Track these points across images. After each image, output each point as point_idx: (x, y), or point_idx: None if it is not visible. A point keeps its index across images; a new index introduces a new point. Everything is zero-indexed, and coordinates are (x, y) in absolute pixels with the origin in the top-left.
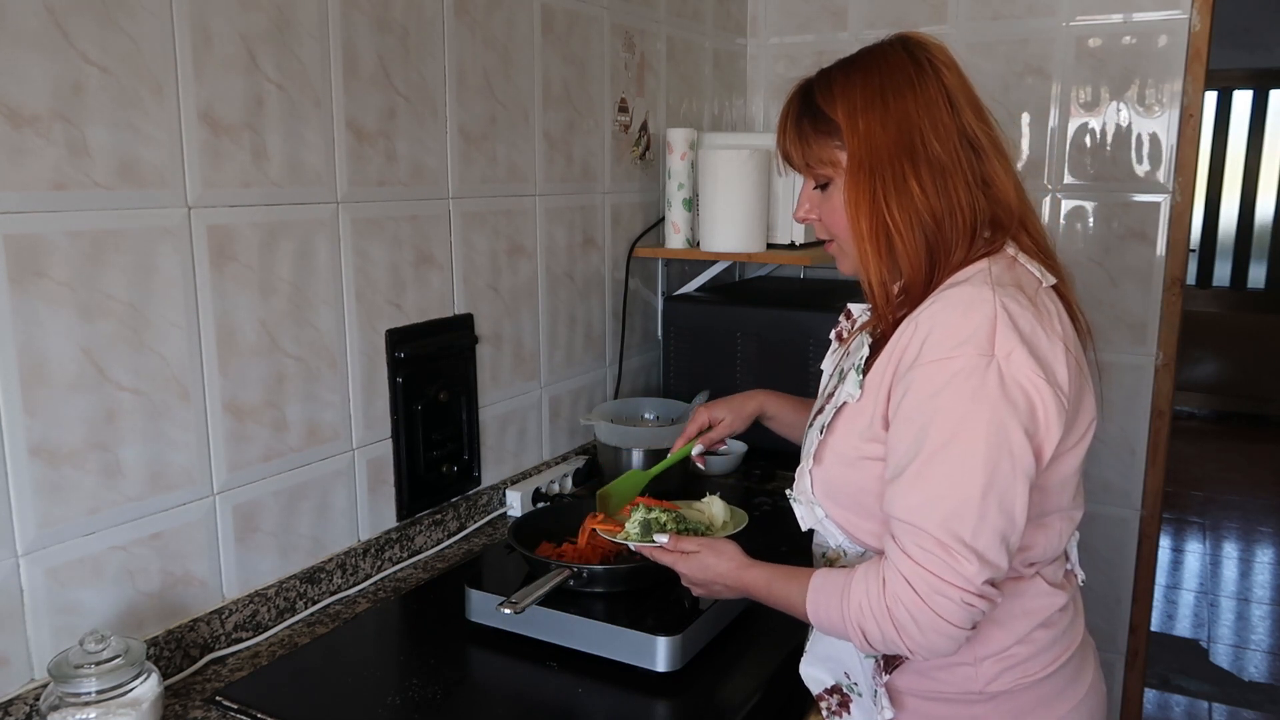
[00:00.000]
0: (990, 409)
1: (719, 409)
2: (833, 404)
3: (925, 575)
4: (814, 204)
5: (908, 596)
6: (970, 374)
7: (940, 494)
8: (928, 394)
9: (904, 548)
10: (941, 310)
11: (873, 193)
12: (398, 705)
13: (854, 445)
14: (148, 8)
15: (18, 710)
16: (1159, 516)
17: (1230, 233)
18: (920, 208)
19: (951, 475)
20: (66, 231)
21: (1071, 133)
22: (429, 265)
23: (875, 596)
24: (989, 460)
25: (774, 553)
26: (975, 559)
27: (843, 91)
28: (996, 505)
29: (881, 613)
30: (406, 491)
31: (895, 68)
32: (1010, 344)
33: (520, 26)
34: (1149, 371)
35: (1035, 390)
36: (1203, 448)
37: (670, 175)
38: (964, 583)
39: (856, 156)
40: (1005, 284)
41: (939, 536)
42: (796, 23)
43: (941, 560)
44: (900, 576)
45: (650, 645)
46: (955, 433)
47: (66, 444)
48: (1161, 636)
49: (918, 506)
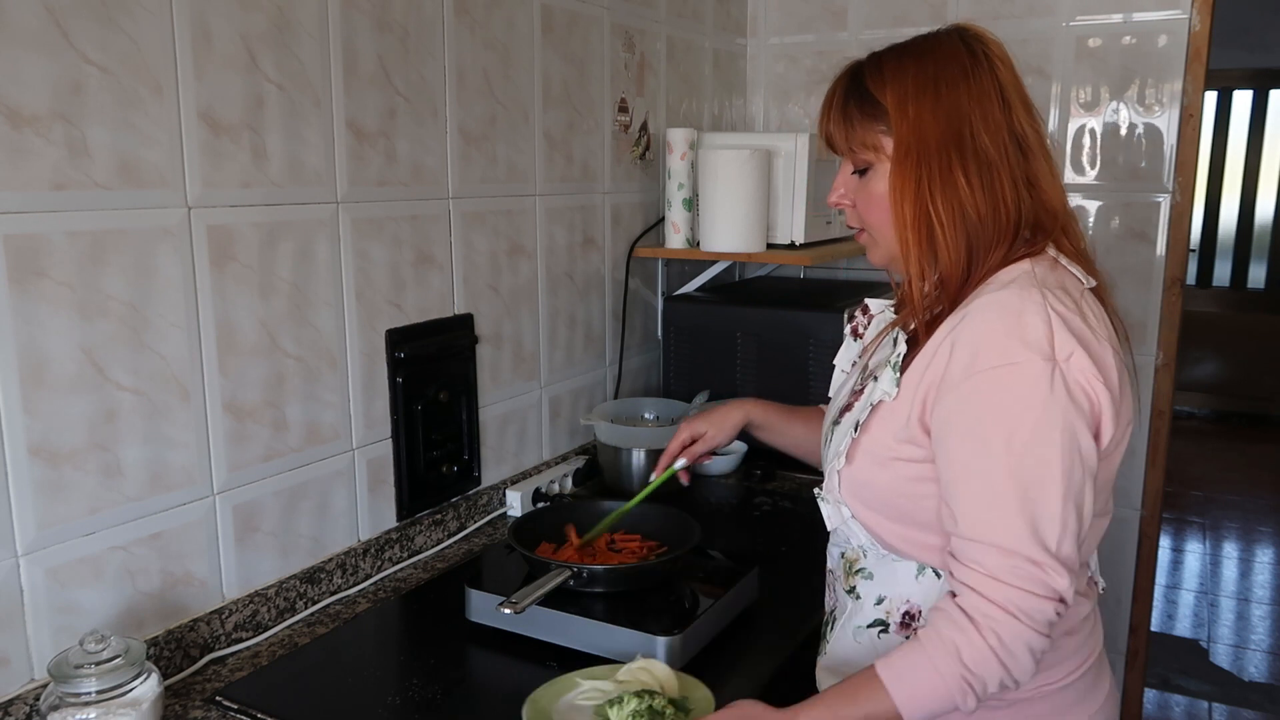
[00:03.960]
0: (1062, 414)
1: (701, 423)
2: (864, 401)
3: (1023, 596)
4: (850, 189)
5: (1007, 625)
6: (1037, 380)
7: (1023, 508)
8: (992, 404)
9: (992, 572)
10: (992, 315)
11: (918, 181)
12: (398, 705)
13: (887, 445)
14: (147, 8)
15: (18, 710)
16: (1159, 516)
17: (1230, 233)
18: (965, 201)
19: (1032, 487)
20: (66, 231)
21: (1071, 133)
22: (429, 265)
23: (974, 641)
24: (1066, 467)
25: (774, 553)
26: (1065, 571)
27: (894, 76)
28: (1075, 512)
29: (986, 655)
30: (406, 491)
31: (950, 57)
32: (1070, 346)
33: (520, 26)
34: (1149, 371)
35: (1094, 392)
36: (1203, 448)
37: (670, 175)
38: (1058, 596)
39: (904, 143)
40: (1051, 286)
41: (1029, 554)
42: (796, 23)
43: (1036, 578)
44: (993, 605)
45: (650, 645)
46: (1031, 442)
47: (66, 444)
48: (1161, 636)
49: (1000, 524)
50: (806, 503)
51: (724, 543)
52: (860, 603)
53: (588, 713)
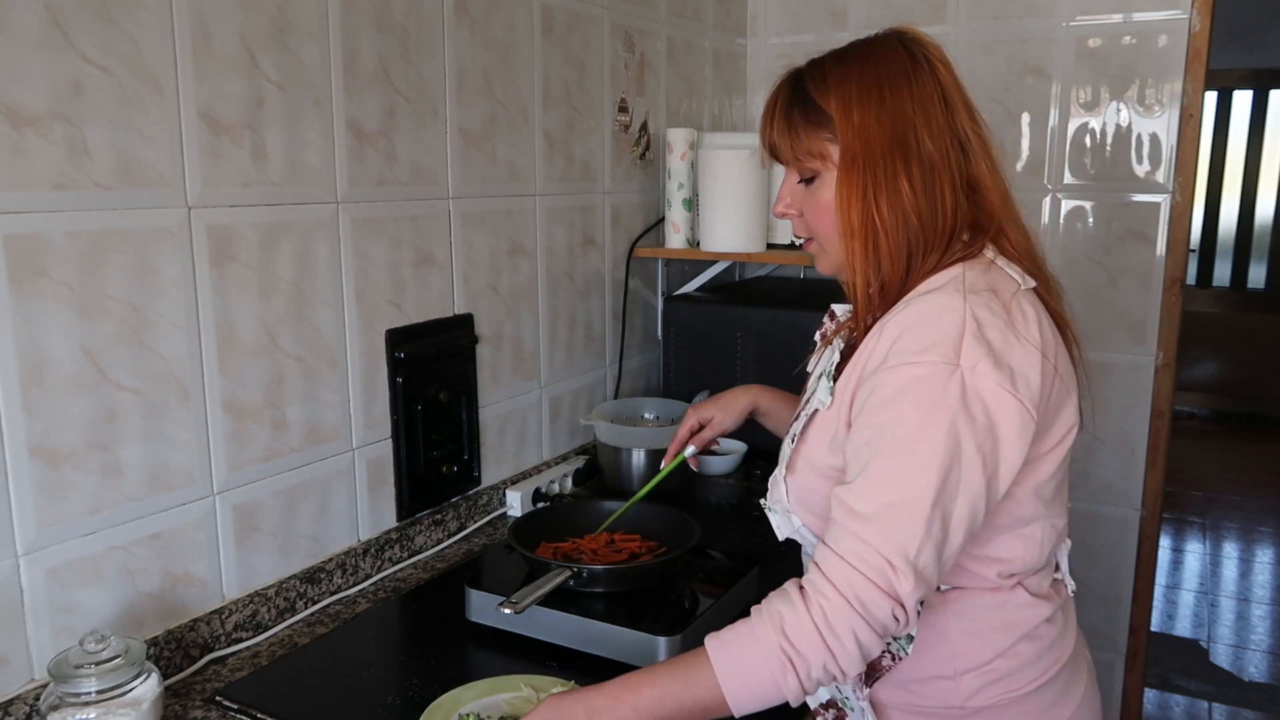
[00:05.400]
0: (949, 418)
1: (708, 408)
2: (805, 412)
3: (862, 581)
4: (796, 199)
5: (838, 606)
6: (932, 381)
7: (889, 501)
8: (887, 397)
9: (840, 550)
10: (911, 316)
11: (864, 189)
12: (398, 705)
13: (822, 455)
14: (147, 7)
15: (18, 710)
16: (1159, 516)
17: (1230, 233)
18: (908, 207)
19: (903, 484)
20: (66, 231)
21: (1071, 133)
22: (429, 265)
23: (799, 612)
24: (941, 471)
25: (774, 553)
26: (913, 576)
27: (837, 83)
28: (940, 520)
29: (808, 627)
30: (406, 491)
31: (892, 62)
32: (976, 355)
33: (520, 26)
34: (1149, 371)
35: (998, 403)
36: (1203, 448)
37: (670, 175)
38: (897, 598)
39: (850, 150)
40: (979, 290)
41: (881, 549)
42: (796, 23)
43: (881, 571)
44: (827, 582)
45: (650, 645)
46: (911, 440)
47: (66, 444)
48: (1161, 636)
49: (865, 514)
50: None
51: (724, 543)
52: None
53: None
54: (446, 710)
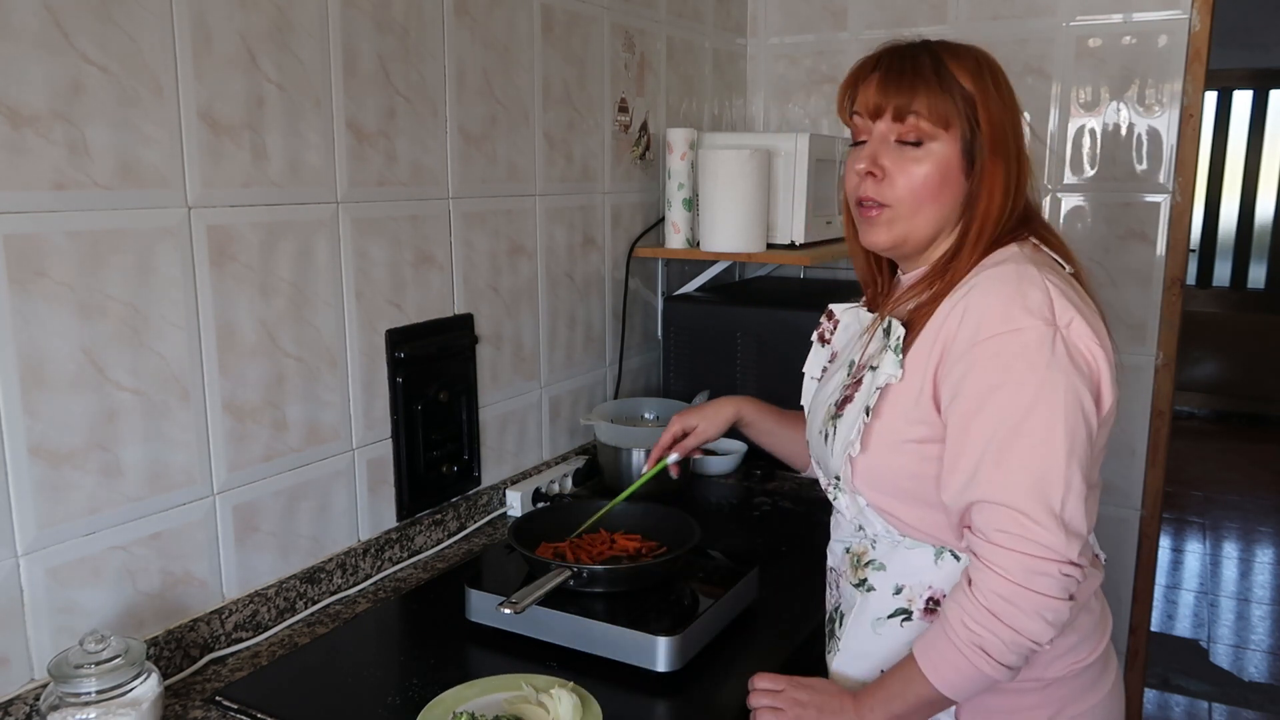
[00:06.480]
0: (1065, 377)
1: (692, 416)
2: (867, 389)
3: (1017, 558)
4: (891, 160)
5: (1003, 587)
6: (1040, 344)
7: (1026, 466)
8: (997, 368)
9: (989, 536)
10: (993, 286)
11: (984, 165)
12: (398, 705)
13: (898, 429)
14: (147, 7)
15: (18, 710)
16: (1159, 516)
17: (1230, 233)
18: (1011, 188)
19: (1036, 447)
20: (66, 231)
21: (1071, 133)
22: (429, 265)
23: (972, 605)
24: (1069, 428)
25: (774, 553)
26: (1063, 532)
27: (971, 65)
28: (1080, 473)
29: (985, 617)
30: (406, 491)
31: (995, 61)
32: (1069, 313)
33: (520, 26)
34: (1149, 371)
35: (1094, 357)
36: (1203, 448)
37: (670, 175)
38: (1058, 556)
39: (981, 127)
40: (1040, 263)
41: (1028, 511)
42: (796, 23)
43: (1031, 540)
44: (988, 569)
45: (650, 645)
46: (1034, 404)
47: (66, 444)
48: (1161, 636)
49: (1003, 484)
50: (806, 503)
51: (724, 543)
52: (874, 595)
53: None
54: (445, 708)
